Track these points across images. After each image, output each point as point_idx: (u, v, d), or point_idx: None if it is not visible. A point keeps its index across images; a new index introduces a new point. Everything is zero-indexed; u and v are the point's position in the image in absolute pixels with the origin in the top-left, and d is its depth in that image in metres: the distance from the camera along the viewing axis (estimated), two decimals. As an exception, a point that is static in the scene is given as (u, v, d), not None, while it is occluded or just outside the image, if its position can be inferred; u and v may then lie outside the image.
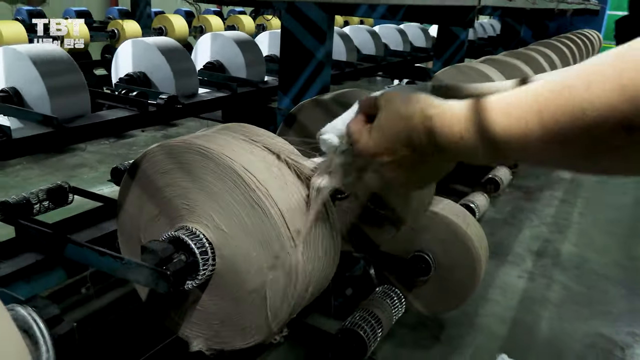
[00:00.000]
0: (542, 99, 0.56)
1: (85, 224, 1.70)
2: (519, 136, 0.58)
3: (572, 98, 0.53)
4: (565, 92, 0.53)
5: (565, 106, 0.53)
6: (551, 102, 0.55)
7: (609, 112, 0.49)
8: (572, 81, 0.53)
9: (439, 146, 0.68)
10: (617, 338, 2.33)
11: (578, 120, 0.52)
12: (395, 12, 2.27)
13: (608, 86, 0.50)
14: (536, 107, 0.56)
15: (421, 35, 6.55)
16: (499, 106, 0.61)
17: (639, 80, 0.47)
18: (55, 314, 0.75)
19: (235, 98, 3.54)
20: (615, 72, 0.50)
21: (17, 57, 2.75)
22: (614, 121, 0.49)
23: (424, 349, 2.16)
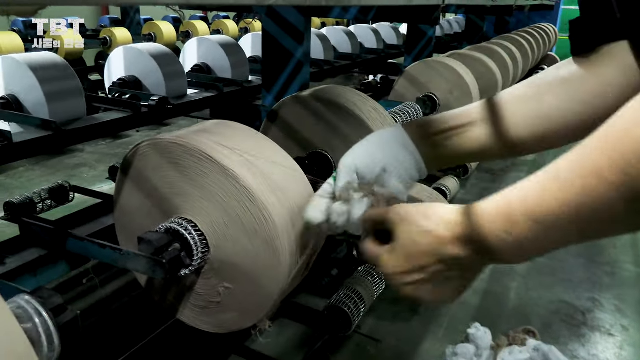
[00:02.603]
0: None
1: (85, 219, 1.69)
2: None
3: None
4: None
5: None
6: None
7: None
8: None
9: (486, 249, 0.60)
10: (578, 304, 2.37)
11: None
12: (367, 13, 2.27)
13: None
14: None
15: (393, 33, 6.56)
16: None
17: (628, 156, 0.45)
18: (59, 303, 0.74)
19: (222, 97, 3.53)
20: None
21: (16, 66, 2.71)
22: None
23: (404, 321, 2.19)
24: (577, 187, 0.49)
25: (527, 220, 0.54)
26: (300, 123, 1.50)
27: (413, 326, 2.16)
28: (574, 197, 0.50)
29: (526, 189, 0.57)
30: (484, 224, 0.59)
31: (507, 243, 0.57)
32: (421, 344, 2.05)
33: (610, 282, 2.57)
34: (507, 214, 0.57)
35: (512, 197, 0.57)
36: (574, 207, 0.50)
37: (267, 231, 0.96)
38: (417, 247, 0.65)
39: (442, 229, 0.63)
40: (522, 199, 0.56)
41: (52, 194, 1.73)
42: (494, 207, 0.59)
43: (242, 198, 0.96)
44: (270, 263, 0.98)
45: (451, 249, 0.62)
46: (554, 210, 0.52)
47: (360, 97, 1.53)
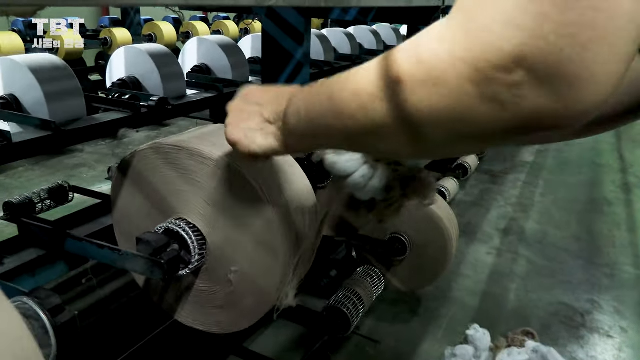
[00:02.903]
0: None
1: (84, 219, 1.69)
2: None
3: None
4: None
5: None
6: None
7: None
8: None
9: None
10: (577, 305, 2.37)
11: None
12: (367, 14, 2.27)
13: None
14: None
15: (393, 35, 6.55)
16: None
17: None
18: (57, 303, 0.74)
19: (221, 98, 3.52)
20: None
21: (15, 66, 2.71)
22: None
23: (403, 322, 2.19)
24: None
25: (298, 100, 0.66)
26: None
27: (412, 327, 2.16)
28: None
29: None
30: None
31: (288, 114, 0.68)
32: (420, 345, 2.05)
33: (610, 284, 2.56)
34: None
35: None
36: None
37: (265, 230, 0.96)
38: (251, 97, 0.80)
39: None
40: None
41: (52, 194, 1.73)
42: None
43: (239, 197, 0.96)
44: (268, 263, 0.98)
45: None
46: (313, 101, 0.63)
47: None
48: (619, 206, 3.61)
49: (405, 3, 1.65)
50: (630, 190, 3.92)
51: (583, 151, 4.77)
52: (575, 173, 4.26)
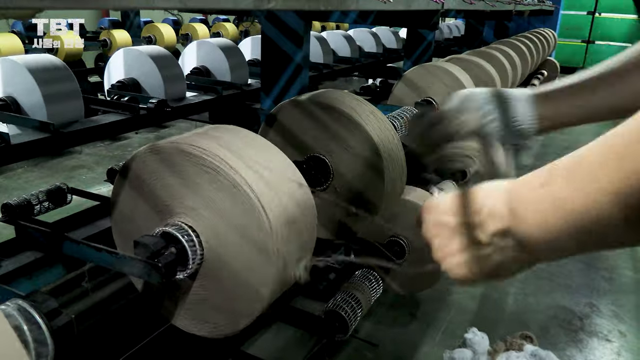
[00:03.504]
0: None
1: (82, 222, 1.68)
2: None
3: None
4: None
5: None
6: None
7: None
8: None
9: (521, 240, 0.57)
10: (576, 309, 2.36)
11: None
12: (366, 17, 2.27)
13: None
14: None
15: (392, 37, 6.57)
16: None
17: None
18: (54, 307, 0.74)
19: (220, 100, 3.53)
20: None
21: (14, 67, 2.71)
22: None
23: (401, 325, 2.18)
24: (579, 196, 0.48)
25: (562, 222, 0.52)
26: (298, 127, 1.50)
27: (410, 330, 2.15)
28: (576, 208, 0.48)
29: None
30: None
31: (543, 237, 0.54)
32: (419, 349, 2.05)
33: (608, 288, 2.56)
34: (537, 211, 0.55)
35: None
36: (574, 218, 0.48)
37: (262, 233, 0.96)
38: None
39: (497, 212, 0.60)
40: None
41: (50, 196, 1.72)
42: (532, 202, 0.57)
43: (237, 201, 0.96)
44: (263, 265, 0.97)
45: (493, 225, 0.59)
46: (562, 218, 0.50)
47: (358, 101, 1.53)
48: (617, 210, 3.61)
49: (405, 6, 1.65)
50: (629, 194, 3.92)
51: (582, 154, 4.76)
52: (574, 176, 4.26)
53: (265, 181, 0.99)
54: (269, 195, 0.98)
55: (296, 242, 1.03)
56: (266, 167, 1.02)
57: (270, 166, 1.04)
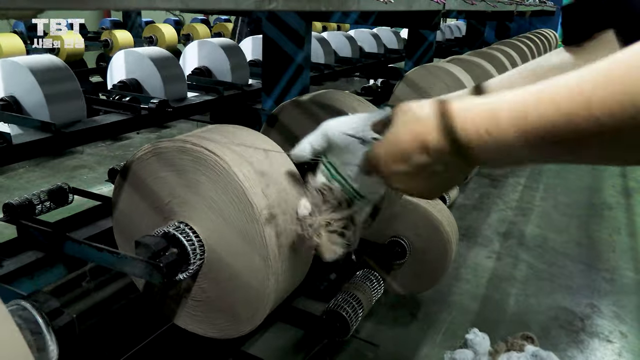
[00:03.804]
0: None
1: (84, 222, 1.68)
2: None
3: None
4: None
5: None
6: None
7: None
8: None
9: (460, 144, 0.59)
10: (577, 310, 2.36)
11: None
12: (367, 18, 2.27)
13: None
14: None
15: (393, 38, 6.57)
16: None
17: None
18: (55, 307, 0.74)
19: (222, 101, 3.53)
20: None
21: (16, 68, 2.72)
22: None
23: (402, 326, 2.18)
24: (562, 111, 0.49)
25: (510, 125, 0.54)
26: (299, 127, 1.50)
27: (411, 331, 2.15)
28: (557, 118, 0.49)
29: (514, 98, 0.55)
30: (467, 119, 0.58)
31: (486, 142, 0.56)
32: (419, 349, 2.05)
33: (610, 289, 2.56)
34: (491, 115, 0.56)
35: (499, 101, 0.56)
36: (554, 128, 0.50)
37: (263, 235, 0.96)
38: (404, 133, 0.64)
39: (428, 118, 0.61)
40: (509, 106, 0.55)
41: (52, 196, 1.73)
42: (480, 106, 0.58)
43: (239, 202, 0.96)
44: (265, 267, 0.97)
45: (434, 137, 0.60)
46: (535, 123, 0.51)
47: (359, 102, 1.53)
48: (619, 211, 3.61)
49: (406, 7, 1.65)
50: (631, 195, 3.92)
51: (583, 155, 4.76)
52: (575, 177, 4.26)
53: (266, 182, 0.99)
54: (273, 198, 0.98)
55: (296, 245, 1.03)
56: (268, 168, 1.02)
57: (272, 167, 1.04)
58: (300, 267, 1.08)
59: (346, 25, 8.45)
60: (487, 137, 0.56)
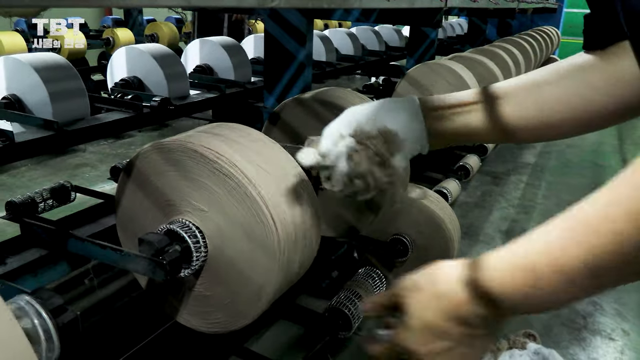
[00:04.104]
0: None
1: (87, 219, 1.69)
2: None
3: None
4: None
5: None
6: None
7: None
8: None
9: (505, 307, 0.57)
10: (579, 307, 2.36)
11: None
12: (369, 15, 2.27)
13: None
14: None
15: (395, 35, 6.56)
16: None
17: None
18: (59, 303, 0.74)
19: (224, 98, 3.53)
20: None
21: (19, 66, 2.72)
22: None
23: (404, 324, 2.18)
24: (595, 238, 0.49)
25: (552, 272, 0.52)
26: (301, 125, 1.50)
27: (413, 329, 2.15)
28: (595, 247, 0.49)
29: (542, 240, 0.55)
30: (500, 279, 0.56)
31: (534, 297, 0.54)
32: (421, 347, 2.05)
33: (612, 286, 2.56)
34: (529, 268, 0.54)
35: (528, 249, 0.55)
36: (594, 257, 0.49)
37: (265, 231, 0.96)
38: (433, 314, 0.60)
39: (454, 291, 0.59)
40: (543, 250, 0.54)
41: (54, 194, 1.73)
42: (508, 261, 0.56)
43: (241, 198, 0.96)
44: (267, 262, 0.98)
45: (469, 309, 0.58)
46: (578, 258, 0.50)
47: (361, 100, 1.53)
48: (621, 208, 3.60)
49: (408, 4, 1.65)
50: (633, 192, 3.91)
51: (585, 153, 4.76)
52: (577, 175, 4.26)
53: (268, 179, 1.00)
54: (273, 194, 0.98)
55: (301, 241, 1.03)
56: (270, 165, 1.03)
57: (274, 164, 1.04)
58: (304, 260, 1.08)
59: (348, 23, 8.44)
60: (530, 289, 0.54)
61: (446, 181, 2.85)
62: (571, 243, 0.51)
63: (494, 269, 0.57)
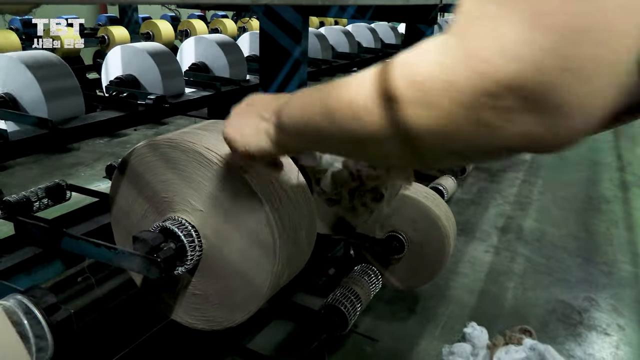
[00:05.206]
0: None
1: (82, 218, 1.68)
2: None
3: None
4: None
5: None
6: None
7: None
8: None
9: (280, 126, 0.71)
10: (575, 303, 2.37)
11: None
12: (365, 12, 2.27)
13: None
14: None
15: (391, 32, 6.55)
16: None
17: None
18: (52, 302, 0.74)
19: (219, 96, 3.52)
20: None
21: (13, 64, 2.70)
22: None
23: (401, 320, 2.19)
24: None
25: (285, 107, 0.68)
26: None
27: (410, 325, 2.16)
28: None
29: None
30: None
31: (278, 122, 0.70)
32: (418, 343, 2.05)
33: (607, 282, 2.57)
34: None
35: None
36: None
37: (259, 227, 0.96)
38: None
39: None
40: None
41: (49, 193, 1.72)
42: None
43: (235, 195, 0.96)
44: (262, 259, 0.98)
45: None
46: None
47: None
48: (616, 204, 3.62)
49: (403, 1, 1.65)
50: (628, 189, 3.93)
51: (581, 149, 4.77)
52: (573, 171, 4.27)
53: (264, 177, 0.99)
54: (268, 190, 0.98)
55: (297, 238, 1.03)
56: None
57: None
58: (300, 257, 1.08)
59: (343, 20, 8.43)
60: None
61: (442, 178, 2.86)
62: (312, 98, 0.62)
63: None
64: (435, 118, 0.43)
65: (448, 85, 0.41)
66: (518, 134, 0.40)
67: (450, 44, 0.42)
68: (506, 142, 0.41)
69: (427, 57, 0.44)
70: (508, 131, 0.40)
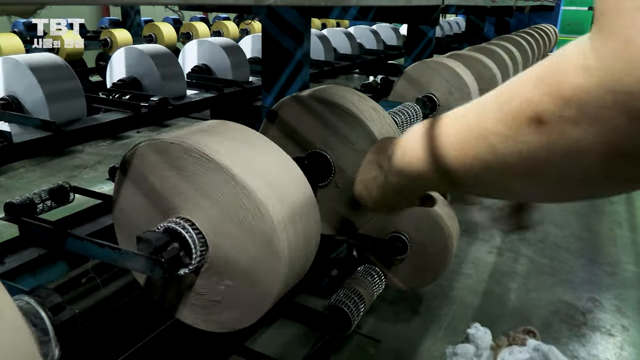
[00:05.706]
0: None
1: (85, 219, 1.69)
2: (468, 163, 0.49)
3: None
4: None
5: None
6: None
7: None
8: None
9: (396, 170, 0.63)
10: (578, 304, 2.36)
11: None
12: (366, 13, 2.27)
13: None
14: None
15: (393, 34, 6.56)
16: (453, 128, 0.52)
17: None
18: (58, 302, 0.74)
19: (222, 98, 3.53)
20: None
21: (16, 67, 2.72)
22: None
23: (404, 321, 2.18)
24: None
25: (415, 147, 0.57)
26: (299, 123, 1.50)
27: (413, 326, 2.16)
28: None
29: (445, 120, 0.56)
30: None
31: (398, 164, 0.62)
32: (421, 344, 2.05)
33: (611, 283, 2.56)
34: (404, 142, 0.62)
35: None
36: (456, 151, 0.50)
37: (264, 228, 0.96)
38: (369, 157, 0.77)
39: (388, 143, 0.69)
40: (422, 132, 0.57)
41: (52, 195, 1.73)
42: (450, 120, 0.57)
43: (239, 196, 0.96)
44: (268, 260, 0.98)
45: (383, 159, 0.70)
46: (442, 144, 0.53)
47: (359, 97, 1.53)
48: (620, 205, 3.61)
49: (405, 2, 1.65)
50: (631, 189, 3.92)
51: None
52: (576, 172, 4.25)
53: (266, 177, 0.99)
54: (272, 192, 0.98)
55: (300, 238, 1.03)
56: (267, 164, 1.03)
57: (271, 162, 1.04)
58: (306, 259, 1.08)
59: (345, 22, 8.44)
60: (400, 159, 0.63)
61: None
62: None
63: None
64: (597, 134, 0.36)
65: (612, 95, 0.34)
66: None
67: (603, 46, 0.35)
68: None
69: (574, 66, 0.37)
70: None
